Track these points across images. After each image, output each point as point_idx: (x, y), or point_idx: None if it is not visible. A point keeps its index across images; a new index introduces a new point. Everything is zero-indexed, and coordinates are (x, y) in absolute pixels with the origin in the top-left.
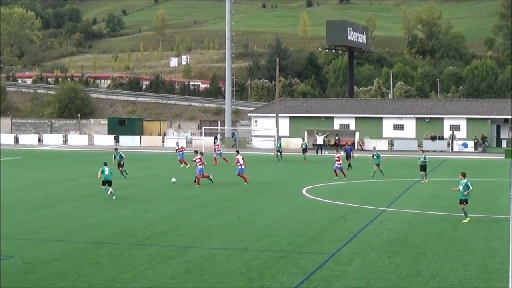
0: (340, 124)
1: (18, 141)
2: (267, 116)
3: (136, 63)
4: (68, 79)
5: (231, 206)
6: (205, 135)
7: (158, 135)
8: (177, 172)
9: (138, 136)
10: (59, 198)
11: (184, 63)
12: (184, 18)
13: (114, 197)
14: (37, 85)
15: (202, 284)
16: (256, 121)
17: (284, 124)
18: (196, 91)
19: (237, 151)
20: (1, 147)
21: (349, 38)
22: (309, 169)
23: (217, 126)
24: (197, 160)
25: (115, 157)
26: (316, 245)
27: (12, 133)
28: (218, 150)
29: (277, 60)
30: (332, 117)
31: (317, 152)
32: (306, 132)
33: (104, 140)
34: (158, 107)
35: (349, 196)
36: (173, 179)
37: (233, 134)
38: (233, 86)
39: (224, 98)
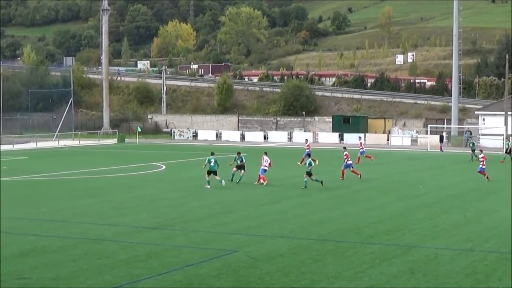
0: None
1: (244, 138)
2: (495, 115)
3: (361, 61)
4: (294, 77)
5: (458, 205)
6: (430, 133)
7: (383, 133)
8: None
9: (363, 134)
10: (284, 194)
11: (410, 60)
12: (410, 15)
13: (208, 186)
14: (263, 83)
15: (426, 284)
16: (483, 120)
17: None
18: (422, 89)
19: (344, 148)
20: (228, 144)
21: None
22: None
23: (443, 124)
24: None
25: (235, 160)
26: None
27: (238, 130)
28: (361, 149)
29: (507, 56)
30: None
31: None
32: None
33: (329, 138)
34: (383, 104)
35: None
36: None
37: (467, 132)
38: (460, 84)
39: (451, 96)
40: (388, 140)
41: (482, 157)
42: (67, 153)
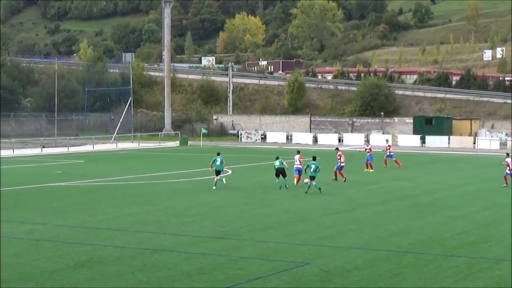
0: None
1: (316, 141)
2: None
3: (446, 57)
4: (371, 74)
5: None
6: None
7: (469, 135)
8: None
9: (447, 137)
10: (360, 202)
11: (499, 56)
12: (500, 6)
13: (214, 187)
14: (337, 81)
15: None
16: None
17: None
18: None
19: (336, 148)
20: (300, 147)
21: None
22: None
23: None
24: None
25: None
26: None
27: (310, 132)
28: (390, 152)
29: None
30: None
31: None
32: None
33: (409, 141)
34: (469, 104)
35: None
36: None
37: None
38: None
39: None
40: (474, 143)
41: (507, 162)
42: (126, 157)
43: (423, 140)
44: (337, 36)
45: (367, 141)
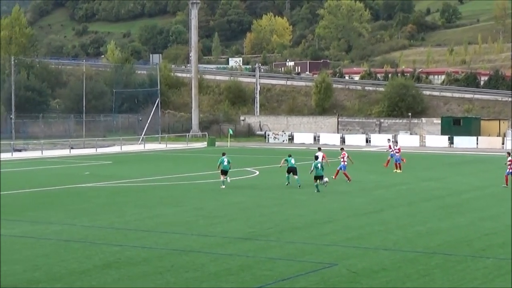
0: None
1: (344, 141)
2: None
3: (473, 57)
4: (399, 74)
5: None
6: None
7: (497, 136)
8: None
9: (475, 137)
10: (387, 202)
11: None
12: None
13: (223, 186)
14: (365, 82)
15: None
16: None
17: None
18: None
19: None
20: (327, 148)
21: None
22: None
23: None
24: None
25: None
26: None
27: (338, 132)
28: (392, 151)
29: None
30: None
31: None
32: None
33: (437, 141)
34: (497, 105)
35: None
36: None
37: None
38: None
39: None
40: (503, 143)
41: (510, 161)
42: (153, 158)
43: (451, 141)
44: (364, 37)
45: (396, 142)
